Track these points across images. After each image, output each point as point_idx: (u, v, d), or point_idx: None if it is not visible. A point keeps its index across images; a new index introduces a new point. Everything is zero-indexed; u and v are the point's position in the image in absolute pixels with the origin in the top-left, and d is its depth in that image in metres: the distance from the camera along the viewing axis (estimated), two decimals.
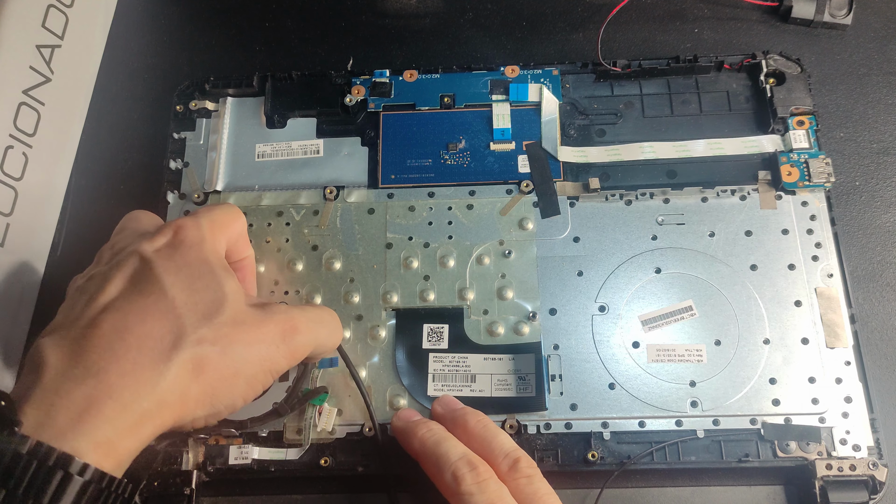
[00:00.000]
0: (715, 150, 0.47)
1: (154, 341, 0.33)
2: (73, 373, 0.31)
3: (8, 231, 0.46)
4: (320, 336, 0.39)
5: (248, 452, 0.41)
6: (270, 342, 0.36)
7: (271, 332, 0.36)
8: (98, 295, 0.34)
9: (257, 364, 0.35)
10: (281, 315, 0.37)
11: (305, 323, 0.38)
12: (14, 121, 0.47)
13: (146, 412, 0.32)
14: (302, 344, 0.37)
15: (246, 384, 0.35)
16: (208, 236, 0.37)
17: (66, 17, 0.52)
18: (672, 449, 0.41)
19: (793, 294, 0.44)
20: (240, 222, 0.40)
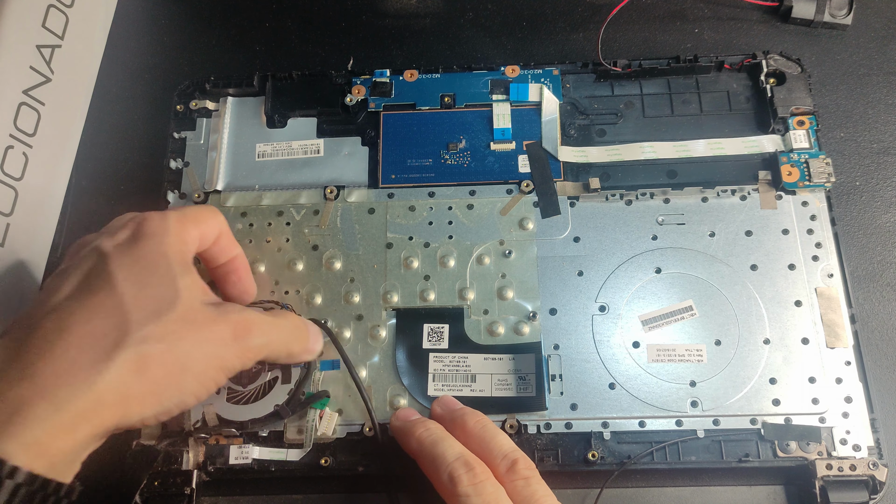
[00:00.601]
0: (715, 150, 0.47)
1: (95, 339, 0.32)
2: (9, 374, 0.31)
3: (8, 231, 0.46)
4: (276, 340, 0.38)
5: (249, 452, 0.41)
6: (221, 341, 0.35)
7: (223, 330, 0.35)
8: (52, 294, 0.34)
9: (206, 361, 0.35)
10: (235, 315, 0.36)
11: (260, 325, 0.37)
12: (14, 121, 0.47)
13: (82, 412, 0.31)
14: (255, 345, 0.37)
15: (195, 382, 0.35)
16: (173, 229, 0.36)
17: (66, 17, 0.52)
18: (672, 449, 0.41)
19: (793, 294, 0.44)
20: (216, 220, 0.39)
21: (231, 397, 0.41)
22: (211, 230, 0.39)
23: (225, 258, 0.41)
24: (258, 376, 0.42)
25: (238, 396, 0.41)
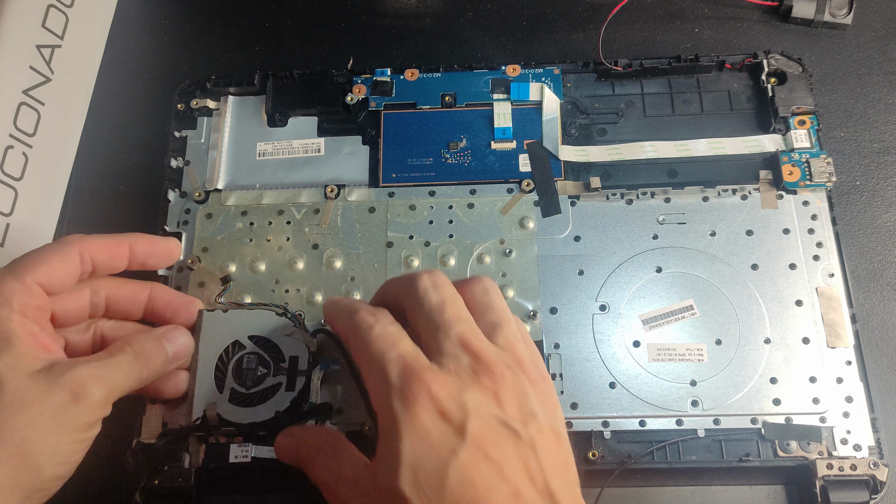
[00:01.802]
0: (716, 149, 0.47)
1: None
2: None
3: (8, 231, 0.46)
4: (121, 381, 0.36)
5: (249, 451, 0.41)
6: (59, 410, 0.33)
7: (57, 398, 0.33)
8: None
9: (51, 438, 0.33)
10: (67, 376, 0.34)
11: (97, 377, 0.35)
12: (14, 121, 0.47)
13: None
14: (99, 398, 0.35)
15: (50, 462, 0.33)
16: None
17: (66, 17, 0.52)
18: (672, 448, 0.41)
19: (794, 293, 0.44)
20: (60, 258, 0.37)
21: (233, 398, 0.41)
22: (56, 274, 0.37)
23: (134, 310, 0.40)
24: (263, 380, 0.41)
25: (240, 398, 0.41)
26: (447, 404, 0.31)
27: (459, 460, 0.30)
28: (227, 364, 0.42)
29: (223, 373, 0.42)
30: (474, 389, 0.32)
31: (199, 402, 0.41)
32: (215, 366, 0.42)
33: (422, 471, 0.30)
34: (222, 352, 0.42)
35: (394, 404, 0.31)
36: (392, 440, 0.31)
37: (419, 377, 0.32)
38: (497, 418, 0.31)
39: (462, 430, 0.31)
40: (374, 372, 0.33)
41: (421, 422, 0.31)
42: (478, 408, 0.31)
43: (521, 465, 0.31)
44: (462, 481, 0.30)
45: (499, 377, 0.33)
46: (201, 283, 0.46)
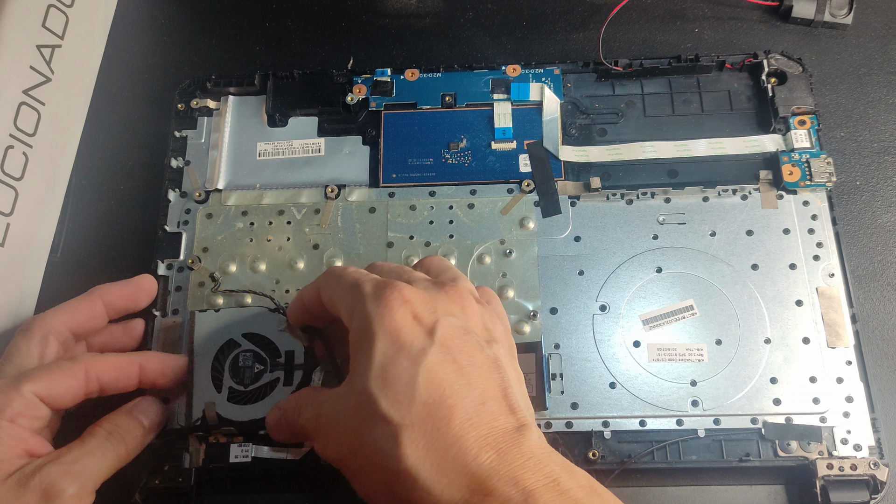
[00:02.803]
0: (716, 149, 0.47)
1: None
2: None
3: (8, 231, 0.46)
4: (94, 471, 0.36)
5: (249, 451, 0.41)
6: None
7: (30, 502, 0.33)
8: None
9: None
10: (36, 478, 0.34)
11: (65, 474, 0.34)
12: (14, 121, 0.47)
13: None
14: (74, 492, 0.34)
15: None
16: None
17: (66, 17, 0.52)
18: (673, 448, 0.41)
19: (794, 293, 0.44)
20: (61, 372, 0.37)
21: (232, 397, 0.41)
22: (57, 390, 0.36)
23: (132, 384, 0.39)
24: (260, 376, 0.42)
25: (239, 396, 0.41)
26: (419, 308, 0.33)
27: (429, 360, 0.31)
28: (224, 363, 0.42)
29: (220, 372, 0.42)
30: (443, 300, 0.34)
31: (197, 403, 0.41)
32: (212, 366, 0.42)
33: (392, 369, 0.31)
34: (217, 351, 0.42)
35: (368, 308, 0.33)
36: (365, 344, 0.32)
37: (392, 285, 0.33)
38: (464, 328, 0.33)
39: (432, 332, 0.32)
40: (350, 296, 0.34)
41: (394, 321, 0.32)
42: (447, 315, 0.33)
43: (486, 374, 0.32)
44: (431, 380, 0.31)
45: (463, 296, 0.35)
46: (201, 284, 0.46)
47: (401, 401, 0.30)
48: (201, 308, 0.44)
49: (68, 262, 0.50)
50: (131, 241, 0.50)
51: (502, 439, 0.30)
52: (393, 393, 0.31)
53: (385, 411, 0.30)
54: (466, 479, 0.29)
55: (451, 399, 0.31)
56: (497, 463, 0.30)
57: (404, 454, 0.30)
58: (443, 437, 0.30)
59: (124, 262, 0.49)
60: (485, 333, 0.34)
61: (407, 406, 0.30)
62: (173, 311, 0.45)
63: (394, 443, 0.30)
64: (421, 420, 0.30)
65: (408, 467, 0.30)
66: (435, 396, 0.30)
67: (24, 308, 0.47)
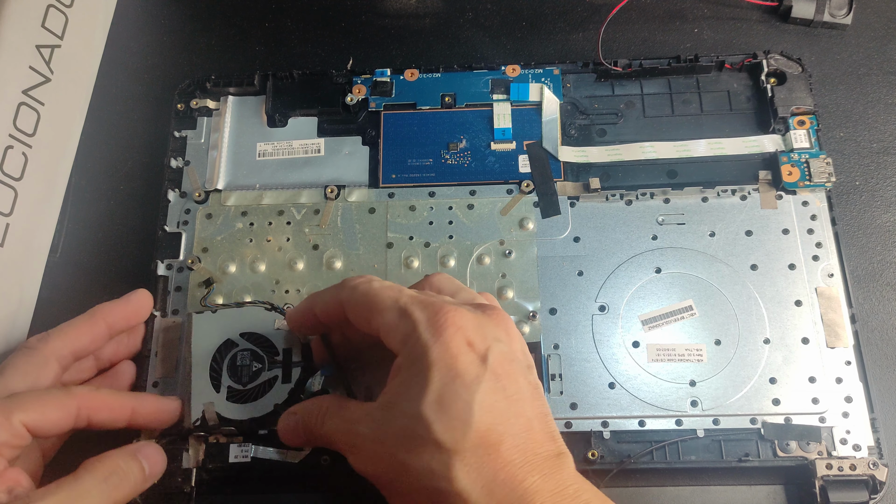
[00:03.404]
0: (715, 149, 0.47)
1: None
2: None
3: (8, 231, 0.46)
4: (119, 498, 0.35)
5: (249, 451, 0.41)
6: None
7: None
8: None
9: None
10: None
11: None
12: (14, 121, 0.47)
13: None
14: None
15: None
16: None
17: (66, 17, 0.52)
18: (672, 448, 0.41)
19: (793, 294, 0.44)
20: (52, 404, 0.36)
21: (231, 396, 0.41)
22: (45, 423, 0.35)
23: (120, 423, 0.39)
24: (258, 375, 0.42)
25: (238, 395, 0.41)
26: (472, 334, 0.33)
27: (483, 388, 0.32)
28: (222, 363, 0.42)
29: (218, 372, 0.42)
30: (491, 325, 0.34)
31: (197, 403, 0.41)
32: (210, 366, 0.42)
33: (447, 396, 0.32)
34: (215, 351, 0.42)
35: (423, 336, 0.33)
36: (419, 370, 0.32)
37: (444, 309, 0.33)
38: (510, 355, 0.34)
39: (485, 359, 0.33)
40: (391, 316, 0.34)
41: (450, 349, 0.32)
42: (496, 341, 0.34)
43: (529, 402, 0.33)
44: (484, 409, 0.32)
45: (506, 321, 0.35)
46: (201, 284, 0.46)
47: (455, 427, 0.31)
48: (198, 310, 0.44)
49: (68, 262, 0.50)
50: (131, 241, 0.50)
51: (545, 465, 0.32)
52: (448, 419, 0.31)
53: (439, 436, 0.31)
54: (514, 500, 0.31)
55: (502, 427, 0.32)
56: (541, 485, 0.31)
57: (457, 477, 0.31)
58: (493, 462, 0.31)
59: (124, 262, 0.49)
60: (525, 359, 0.35)
61: (462, 432, 0.31)
62: (173, 311, 0.45)
63: (446, 466, 0.31)
64: (474, 446, 0.31)
65: (459, 490, 0.31)
66: (488, 423, 0.31)
67: (23, 308, 0.47)
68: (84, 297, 0.48)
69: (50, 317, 0.48)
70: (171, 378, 0.43)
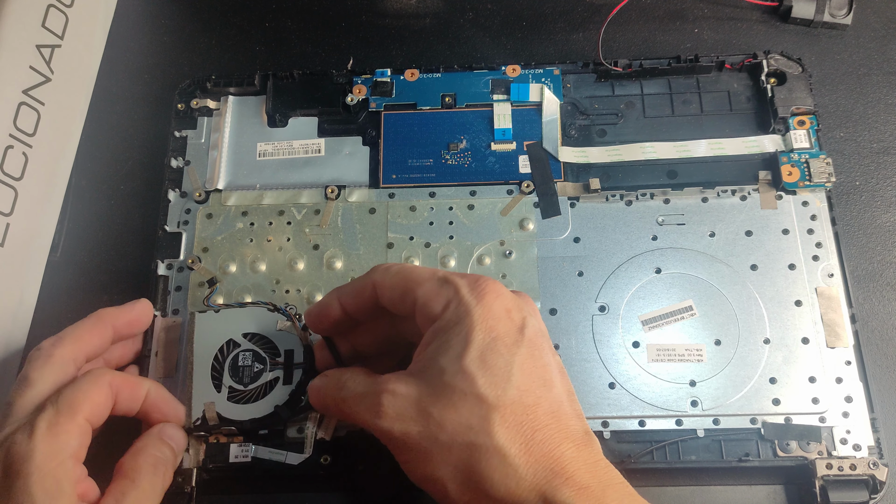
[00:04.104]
0: (716, 150, 0.48)
1: None
2: None
3: (8, 231, 0.46)
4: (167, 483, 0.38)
5: (249, 451, 0.41)
6: None
7: None
8: None
9: None
10: None
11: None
12: (14, 121, 0.47)
13: None
14: None
15: None
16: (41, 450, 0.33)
17: (66, 17, 0.52)
18: (672, 448, 0.41)
19: (793, 294, 0.44)
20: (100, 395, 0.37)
21: (232, 396, 0.41)
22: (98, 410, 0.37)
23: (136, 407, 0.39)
24: (259, 376, 0.42)
25: (239, 395, 0.41)
26: (510, 304, 0.35)
27: (521, 352, 0.33)
28: (223, 363, 0.42)
29: (219, 372, 0.42)
30: (523, 301, 0.36)
31: (197, 403, 0.41)
32: (211, 366, 0.42)
33: (490, 354, 0.33)
34: (217, 351, 0.42)
35: (466, 298, 0.34)
36: (461, 329, 0.33)
37: (484, 278, 0.35)
38: (543, 332, 0.36)
39: (522, 328, 0.34)
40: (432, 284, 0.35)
41: (493, 312, 0.34)
42: (531, 315, 0.35)
43: (559, 378, 0.35)
44: (523, 370, 0.33)
45: (533, 304, 0.37)
46: (201, 284, 0.46)
47: (497, 383, 0.32)
48: (201, 309, 0.44)
49: (68, 262, 0.50)
50: (131, 241, 0.50)
51: (577, 438, 0.33)
52: (491, 374, 0.32)
53: (482, 390, 0.32)
54: (550, 462, 0.31)
55: (538, 391, 0.33)
56: (576, 455, 0.32)
57: (496, 431, 0.32)
58: (531, 422, 0.32)
59: (124, 262, 0.49)
60: (550, 341, 0.36)
61: (503, 388, 0.32)
62: (173, 311, 0.45)
63: (486, 421, 0.32)
64: (513, 403, 0.32)
65: (498, 444, 0.31)
66: (526, 385, 0.33)
67: (23, 308, 0.47)
68: (84, 297, 0.48)
69: (50, 317, 0.48)
70: (171, 378, 0.43)
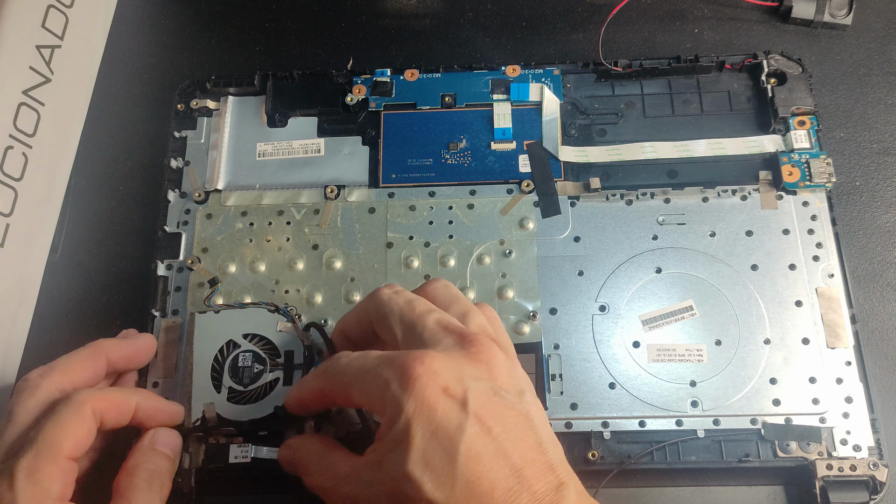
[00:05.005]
0: (716, 150, 0.47)
1: None
2: None
3: (8, 231, 0.46)
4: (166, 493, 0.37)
5: (249, 451, 0.41)
6: None
7: None
8: None
9: None
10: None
11: None
12: (14, 121, 0.47)
13: None
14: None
15: None
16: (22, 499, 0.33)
17: (66, 18, 0.52)
18: (672, 449, 0.41)
19: (793, 294, 0.44)
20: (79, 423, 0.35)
21: (232, 397, 0.41)
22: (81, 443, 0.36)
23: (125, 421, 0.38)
24: (259, 376, 0.42)
25: (238, 396, 0.41)
26: (447, 379, 0.31)
27: (466, 436, 0.30)
28: (223, 364, 0.42)
29: (219, 372, 0.42)
30: (468, 362, 0.32)
31: (197, 403, 0.41)
32: (211, 366, 0.42)
33: (432, 451, 0.30)
34: (217, 352, 0.42)
35: (395, 392, 0.31)
36: (399, 428, 0.31)
37: (413, 358, 0.32)
38: (493, 390, 0.32)
39: (464, 403, 0.31)
40: (369, 381, 0.33)
41: (426, 401, 0.31)
42: (475, 380, 0.32)
43: (521, 436, 0.31)
44: (470, 458, 0.30)
45: (488, 350, 0.33)
46: (200, 284, 0.46)
47: (444, 483, 0.30)
48: (201, 309, 0.44)
49: (68, 262, 0.50)
50: (131, 242, 0.50)
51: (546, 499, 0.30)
52: (436, 476, 0.30)
53: (429, 495, 0.30)
54: None
55: (492, 473, 0.30)
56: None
57: None
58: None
59: (124, 262, 0.49)
60: (514, 387, 0.33)
61: (451, 487, 0.30)
62: (173, 311, 0.45)
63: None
64: (465, 499, 0.30)
65: None
66: (476, 473, 0.30)
67: (24, 308, 0.47)
68: (84, 298, 0.48)
69: (50, 317, 0.48)
70: (171, 378, 0.43)
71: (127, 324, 0.44)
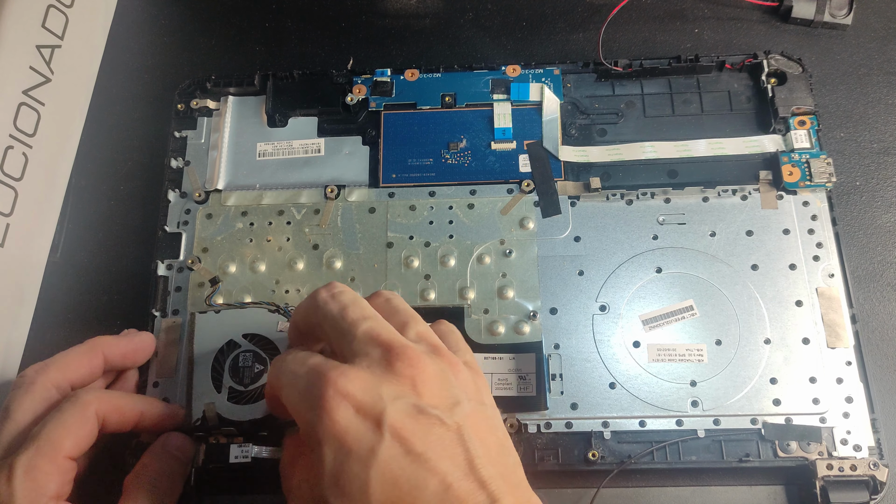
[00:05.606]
0: (716, 149, 0.47)
1: None
2: None
3: (8, 231, 0.46)
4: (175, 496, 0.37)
5: (249, 451, 0.41)
6: None
7: None
8: None
9: None
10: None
11: None
12: (14, 121, 0.47)
13: None
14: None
15: None
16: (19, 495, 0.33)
17: (66, 17, 0.52)
18: (672, 448, 0.41)
19: (794, 294, 0.44)
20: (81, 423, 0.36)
21: (232, 397, 0.41)
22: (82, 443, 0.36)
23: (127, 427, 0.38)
24: (260, 376, 0.42)
25: (239, 396, 0.41)
26: (361, 398, 0.30)
27: (380, 458, 0.28)
28: (224, 363, 0.42)
29: (220, 372, 0.42)
30: (389, 380, 0.30)
31: (197, 403, 0.41)
32: (211, 366, 0.42)
33: (343, 476, 0.29)
34: (217, 352, 0.42)
35: (306, 413, 0.30)
36: (315, 450, 0.30)
37: (325, 377, 0.30)
38: (416, 407, 0.30)
39: (379, 424, 0.29)
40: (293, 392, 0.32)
41: (336, 422, 0.29)
42: (395, 398, 0.30)
43: (448, 453, 0.29)
44: (385, 481, 0.28)
45: (415, 363, 0.31)
46: (201, 284, 0.46)
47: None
48: (201, 309, 0.44)
49: (68, 262, 0.50)
50: (131, 241, 0.50)
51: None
52: (349, 501, 0.28)
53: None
54: None
55: (410, 496, 0.28)
56: None
57: None
58: None
59: (124, 262, 0.49)
60: (445, 400, 0.31)
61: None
62: (173, 311, 0.45)
63: None
64: None
65: None
66: (392, 497, 0.28)
67: (24, 308, 0.47)
68: (84, 298, 0.48)
69: (50, 317, 0.48)
70: (171, 378, 0.43)
71: (127, 324, 0.44)
